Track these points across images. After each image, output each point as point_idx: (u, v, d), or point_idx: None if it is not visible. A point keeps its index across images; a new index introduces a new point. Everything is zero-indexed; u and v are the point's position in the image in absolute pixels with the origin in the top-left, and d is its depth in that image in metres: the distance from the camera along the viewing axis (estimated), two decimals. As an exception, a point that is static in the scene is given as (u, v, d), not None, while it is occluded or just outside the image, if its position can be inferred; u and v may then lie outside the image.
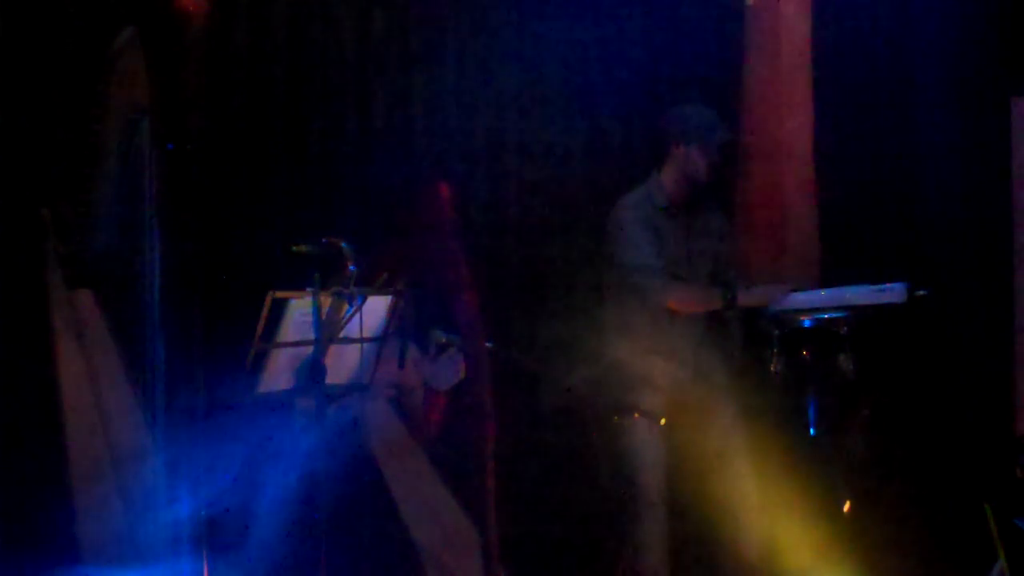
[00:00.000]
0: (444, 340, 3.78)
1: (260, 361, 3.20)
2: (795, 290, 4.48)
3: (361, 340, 3.29)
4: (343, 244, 3.20)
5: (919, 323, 5.08)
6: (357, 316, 3.22)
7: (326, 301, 3.17)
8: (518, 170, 4.85)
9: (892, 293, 4.36)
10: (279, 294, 3.14)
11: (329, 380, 3.26)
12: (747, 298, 4.39)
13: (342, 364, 3.37)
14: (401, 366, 3.85)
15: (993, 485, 3.11)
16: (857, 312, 4.41)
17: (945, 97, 5.36)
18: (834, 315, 4.42)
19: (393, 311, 3.40)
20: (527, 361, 4.08)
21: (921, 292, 4.38)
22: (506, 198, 4.85)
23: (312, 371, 3.21)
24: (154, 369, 2.97)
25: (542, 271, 4.83)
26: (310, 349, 3.21)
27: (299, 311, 3.18)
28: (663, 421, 4.27)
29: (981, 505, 3.08)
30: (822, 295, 4.49)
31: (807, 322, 4.45)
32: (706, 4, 5.19)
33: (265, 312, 3.12)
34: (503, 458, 3.59)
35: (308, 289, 3.16)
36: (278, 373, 3.24)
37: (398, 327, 3.62)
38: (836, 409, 4.54)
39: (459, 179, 4.66)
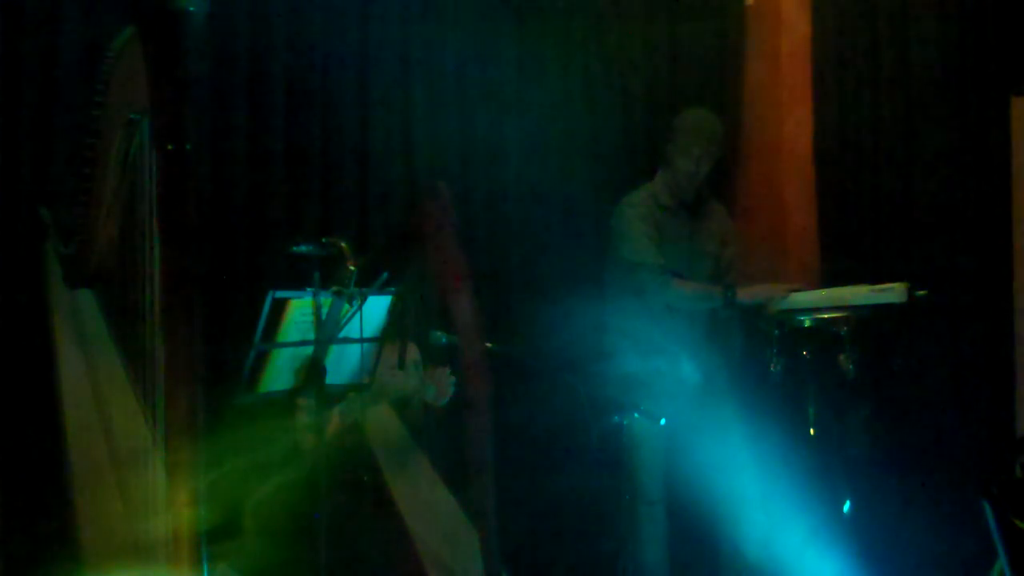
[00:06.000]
0: (444, 341, 3.78)
1: (260, 361, 3.19)
2: (795, 290, 4.49)
3: (361, 340, 3.29)
4: (343, 244, 3.20)
5: (919, 323, 5.09)
6: (357, 316, 3.22)
7: (326, 301, 3.17)
8: (518, 170, 4.85)
9: (892, 293, 4.36)
10: (279, 294, 3.13)
11: (329, 380, 3.26)
12: (746, 297, 4.40)
13: (342, 364, 3.36)
14: (401, 366, 3.85)
15: (993, 485, 3.10)
16: (857, 312, 4.41)
17: (945, 97, 5.36)
18: (834, 315, 4.42)
19: (393, 311, 3.40)
20: (527, 361, 4.07)
21: (921, 292, 4.38)
22: (506, 198, 4.85)
23: (312, 371, 3.21)
24: (154, 369, 2.96)
25: (542, 271, 4.83)
26: (310, 349, 3.21)
27: (299, 311, 3.18)
28: (663, 421, 4.27)
29: (981, 505, 3.08)
30: (822, 295, 4.49)
31: (807, 322, 4.45)
32: (706, 4, 5.19)
33: (265, 312, 3.12)
34: (503, 458, 3.58)
35: (308, 289, 3.16)
36: (278, 373, 3.23)
37: (398, 327, 3.62)
38: (836, 409, 4.54)
39: (459, 179, 4.66)
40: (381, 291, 3.28)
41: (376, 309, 3.33)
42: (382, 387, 3.79)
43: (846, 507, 4.48)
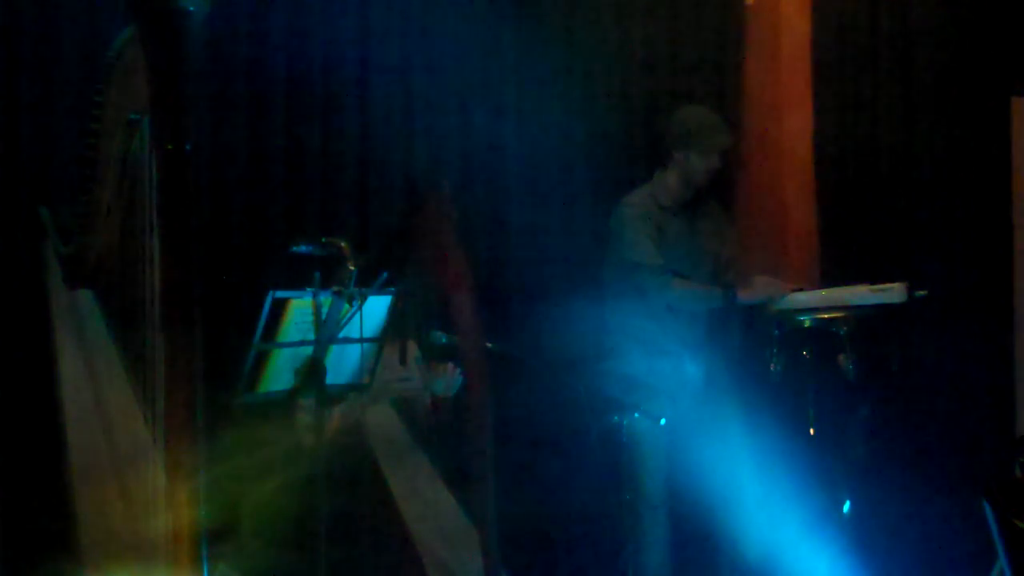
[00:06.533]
0: (444, 341, 3.78)
1: (260, 361, 3.19)
2: (795, 290, 4.49)
3: (361, 340, 3.29)
4: (343, 244, 3.20)
5: (919, 323, 5.09)
6: (357, 316, 3.22)
7: (326, 301, 3.18)
8: (518, 170, 4.85)
9: (892, 293, 4.36)
10: (279, 294, 3.14)
11: (329, 380, 3.26)
12: (747, 296, 4.40)
13: (342, 364, 3.37)
14: (403, 362, 3.85)
15: (993, 485, 3.10)
16: (857, 312, 4.41)
17: (945, 97, 5.36)
18: (834, 315, 4.42)
19: (393, 311, 3.40)
20: (527, 361, 4.07)
21: (921, 292, 4.38)
22: (506, 198, 4.85)
23: (312, 371, 3.21)
24: (154, 369, 2.96)
25: (542, 271, 4.83)
26: (310, 349, 3.21)
27: (299, 311, 3.18)
28: (663, 421, 4.28)
29: (981, 505, 3.08)
30: (822, 295, 4.49)
31: (807, 322, 4.45)
32: (706, 4, 5.19)
33: (265, 312, 3.12)
34: (503, 458, 3.58)
35: (308, 289, 3.16)
36: (278, 373, 3.23)
37: (398, 327, 3.62)
38: (836, 409, 4.54)
39: (459, 179, 4.66)
40: (381, 291, 3.28)
41: (376, 309, 3.33)
42: (383, 387, 3.79)
43: (846, 507, 4.48)
